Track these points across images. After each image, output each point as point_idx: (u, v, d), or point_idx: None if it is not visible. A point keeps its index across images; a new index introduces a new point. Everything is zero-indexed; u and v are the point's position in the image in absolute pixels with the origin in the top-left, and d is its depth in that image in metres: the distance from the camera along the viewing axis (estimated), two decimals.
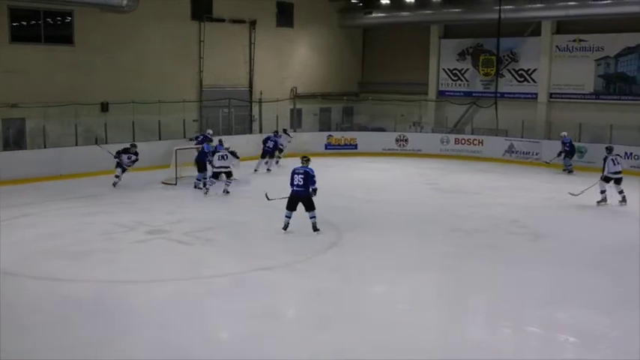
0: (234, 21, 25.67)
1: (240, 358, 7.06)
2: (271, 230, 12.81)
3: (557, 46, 26.14)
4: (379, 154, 25.18)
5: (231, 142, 18.63)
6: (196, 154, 18.06)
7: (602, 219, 14.68)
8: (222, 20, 25.20)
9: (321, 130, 27.75)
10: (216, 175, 16.60)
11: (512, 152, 24.78)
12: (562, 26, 26.08)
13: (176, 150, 18.35)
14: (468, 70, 28.70)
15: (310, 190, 12.35)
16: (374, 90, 30.30)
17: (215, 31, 24.79)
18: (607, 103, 24.86)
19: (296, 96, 28.17)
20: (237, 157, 17.24)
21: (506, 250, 11.80)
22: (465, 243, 12.26)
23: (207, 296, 9.14)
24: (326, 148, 25.72)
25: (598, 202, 15.51)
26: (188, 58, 24.40)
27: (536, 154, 24.00)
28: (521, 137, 25.12)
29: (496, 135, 25.95)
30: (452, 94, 29.06)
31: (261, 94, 26.62)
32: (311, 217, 12.55)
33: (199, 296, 9.11)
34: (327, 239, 12.21)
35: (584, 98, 25.51)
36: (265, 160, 20.69)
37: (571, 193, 16.06)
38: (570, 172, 21.16)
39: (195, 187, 17.43)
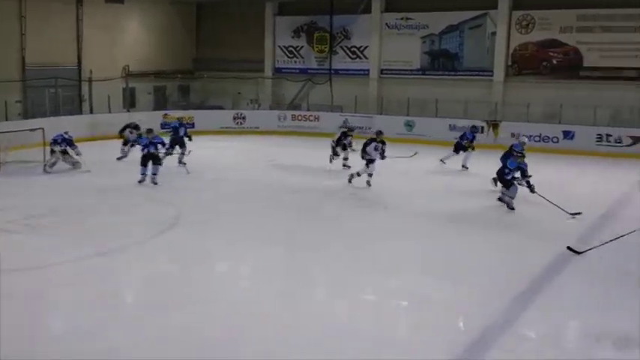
0: None
1: (78, 351, 6.74)
2: (106, 214, 12.35)
3: (386, 24, 27.11)
4: (217, 132, 24.96)
5: (59, 124, 17.70)
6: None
7: (439, 191, 15.37)
8: None
9: (155, 109, 26.97)
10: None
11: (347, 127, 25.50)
12: (390, 4, 27.06)
13: None
14: (302, 47, 29.08)
15: None
16: (210, 67, 29.87)
17: (38, 6, 23.25)
18: (433, 79, 26.20)
19: (128, 74, 27.19)
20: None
21: (348, 221, 12.13)
22: (305, 216, 12.48)
23: (38, 287, 8.65)
24: (162, 128, 25.03)
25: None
26: (8, 35, 22.73)
27: (370, 128, 24.87)
28: (355, 112, 25.97)
29: (331, 111, 26.61)
30: (288, 71, 29.35)
31: (91, 72, 25.43)
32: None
33: (30, 288, 8.58)
34: (167, 220, 11.98)
35: (412, 74, 26.72)
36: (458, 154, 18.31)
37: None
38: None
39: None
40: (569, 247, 9.88)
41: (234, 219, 12.26)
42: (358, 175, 15.09)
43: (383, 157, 15.03)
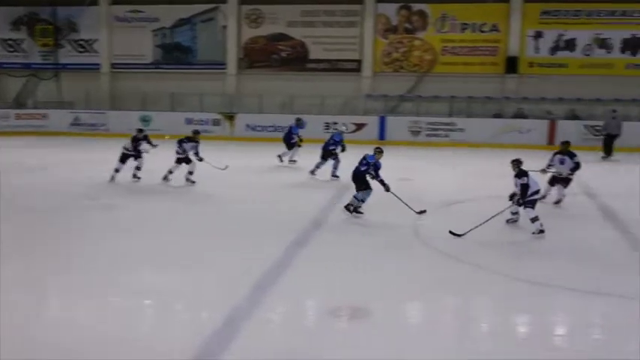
0: None
1: None
2: None
3: (115, 17, 26.31)
4: None
5: None
6: None
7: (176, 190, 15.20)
8: None
9: None
10: None
11: (79, 124, 24.34)
12: None
13: None
14: (24, 40, 27.13)
15: None
16: None
17: None
18: (167, 72, 25.98)
19: None
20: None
21: (87, 224, 11.51)
22: (39, 222, 11.61)
23: None
24: None
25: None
26: None
27: (103, 125, 24.02)
28: (87, 109, 24.86)
29: (61, 108, 25.18)
30: (9, 66, 27.20)
31: None
32: None
33: None
34: None
35: (145, 68, 26.24)
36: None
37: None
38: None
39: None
40: (450, 232, 10.31)
41: None
42: (171, 172, 14.45)
43: (199, 159, 14.27)
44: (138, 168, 14.66)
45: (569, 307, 7.78)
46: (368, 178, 11.57)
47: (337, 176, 15.07)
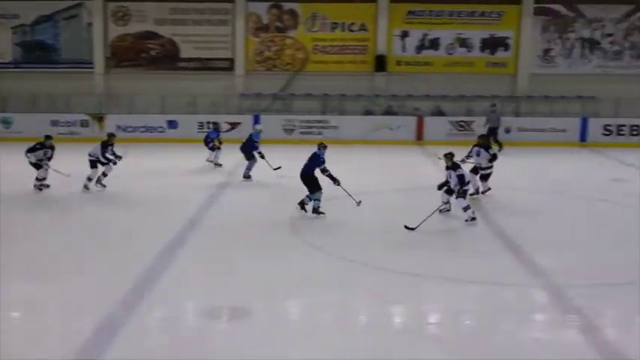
0: None
1: None
2: None
3: None
4: None
5: None
6: None
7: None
8: None
9: None
10: None
11: None
12: None
13: None
14: None
15: None
16: None
17: None
18: (29, 72, 24.69)
19: None
20: None
21: None
22: None
23: None
24: None
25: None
26: None
27: None
28: None
29: None
30: None
31: None
32: None
33: None
34: None
35: (4, 67, 24.85)
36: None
37: None
38: None
39: None
40: (405, 226, 10.52)
41: None
42: (105, 175, 13.91)
43: (117, 157, 13.88)
44: (38, 179, 13.87)
45: (442, 295, 8.14)
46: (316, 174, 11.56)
47: (249, 177, 15.30)
